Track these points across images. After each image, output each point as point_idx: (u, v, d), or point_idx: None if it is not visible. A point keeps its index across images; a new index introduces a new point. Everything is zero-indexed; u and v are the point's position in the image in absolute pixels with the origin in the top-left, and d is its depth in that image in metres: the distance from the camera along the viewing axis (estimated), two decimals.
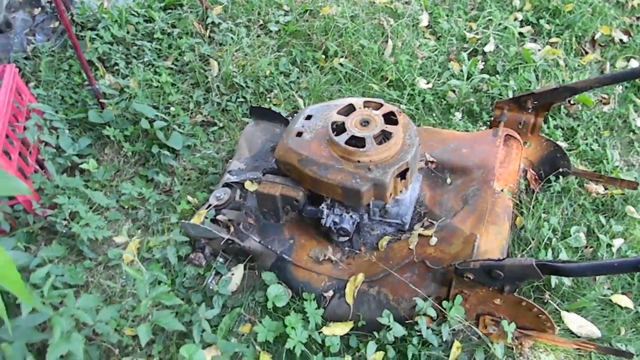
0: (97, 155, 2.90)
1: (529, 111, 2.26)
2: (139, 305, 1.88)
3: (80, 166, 2.70)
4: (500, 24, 3.37)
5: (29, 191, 0.98)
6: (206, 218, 2.31)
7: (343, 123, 2.03)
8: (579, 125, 2.81)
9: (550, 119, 2.77)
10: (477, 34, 3.37)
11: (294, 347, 1.95)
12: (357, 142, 1.98)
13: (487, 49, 3.23)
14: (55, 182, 2.56)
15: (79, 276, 2.27)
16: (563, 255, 2.14)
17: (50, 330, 2.08)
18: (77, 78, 3.24)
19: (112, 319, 1.96)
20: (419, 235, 2.04)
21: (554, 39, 3.33)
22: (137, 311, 1.88)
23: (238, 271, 2.27)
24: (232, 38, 3.44)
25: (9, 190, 0.95)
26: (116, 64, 3.33)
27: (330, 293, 2.06)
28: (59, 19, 3.51)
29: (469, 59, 3.10)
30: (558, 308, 2.06)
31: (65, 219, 2.43)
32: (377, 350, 1.92)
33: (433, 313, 1.87)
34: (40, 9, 3.66)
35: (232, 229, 2.27)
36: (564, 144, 2.68)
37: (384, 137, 2.02)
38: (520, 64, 3.09)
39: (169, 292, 1.94)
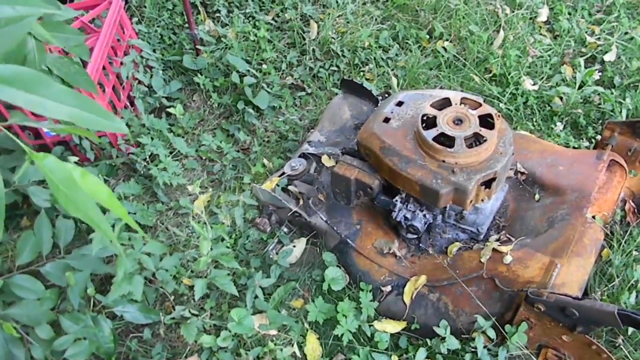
0: (185, 101, 2.94)
1: None
2: (198, 261, 1.91)
3: (168, 109, 2.74)
4: (626, 33, 3.05)
5: (126, 130, 0.96)
6: (278, 186, 2.30)
7: (435, 117, 1.91)
8: None
9: None
10: (598, 39, 3.07)
11: (342, 335, 1.92)
12: (446, 140, 1.86)
13: (607, 57, 2.94)
14: (142, 120, 2.62)
15: (150, 218, 2.34)
16: None
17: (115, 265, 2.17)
18: (179, 19, 3.27)
19: (173, 266, 2.01)
20: (494, 249, 1.92)
21: None
22: (196, 266, 1.91)
23: (300, 244, 2.26)
24: (337, 1, 3.34)
25: (108, 127, 0.92)
26: (218, 10, 3.32)
27: (389, 288, 2.00)
28: None
29: (585, 67, 2.84)
30: (629, 356, 1.90)
31: (145, 160, 2.49)
32: (427, 357, 1.85)
33: (493, 334, 1.77)
34: None
35: (301, 201, 2.24)
36: None
37: (476, 140, 1.89)
38: None
39: (230, 254, 1.95)
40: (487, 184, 1.86)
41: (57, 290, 1.84)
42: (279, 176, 2.34)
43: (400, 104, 2.09)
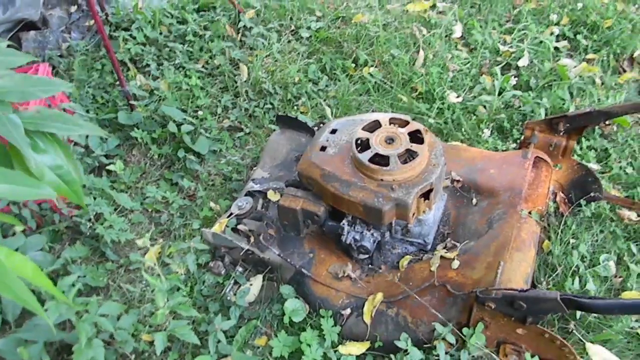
0: (124, 156, 2.93)
1: (561, 134, 2.19)
2: (156, 314, 1.89)
3: (107, 167, 2.72)
4: (535, 38, 3.28)
5: (53, 195, 0.99)
6: (227, 227, 2.31)
7: (367, 140, 2.00)
8: (613, 148, 2.71)
9: (583, 139, 2.68)
10: (511, 47, 3.29)
11: None
12: (380, 160, 1.94)
13: (520, 63, 3.15)
14: (83, 181, 2.59)
15: (100, 279, 2.30)
16: (590, 285, 2.07)
17: (70, 330, 2.12)
18: (109, 78, 3.28)
19: (131, 324, 1.98)
20: (441, 257, 2.00)
21: (590, 56, 3.23)
22: (154, 320, 1.89)
23: (257, 282, 2.27)
24: (262, 43, 3.44)
25: (34, 195, 0.95)
26: (147, 65, 3.36)
27: (348, 311, 2.04)
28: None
29: (502, 73, 3.03)
30: (583, 339, 2.00)
31: (89, 220, 2.46)
32: None
33: (452, 339, 1.83)
34: (76, 6, 3.72)
35: (252, 239, 2.26)
36: (596, 166, 2.60)
37: (409, 156, 1.98)
38: (555, 80, 3.00)
39: (187, 302, 1.94)
40: (426, 195, 1.94)
41: None
42: (227, 217, 2.36)
43: (334, 131, 2.17)
